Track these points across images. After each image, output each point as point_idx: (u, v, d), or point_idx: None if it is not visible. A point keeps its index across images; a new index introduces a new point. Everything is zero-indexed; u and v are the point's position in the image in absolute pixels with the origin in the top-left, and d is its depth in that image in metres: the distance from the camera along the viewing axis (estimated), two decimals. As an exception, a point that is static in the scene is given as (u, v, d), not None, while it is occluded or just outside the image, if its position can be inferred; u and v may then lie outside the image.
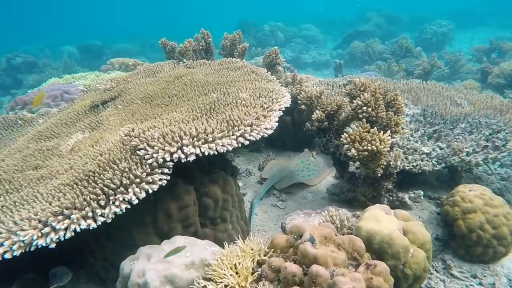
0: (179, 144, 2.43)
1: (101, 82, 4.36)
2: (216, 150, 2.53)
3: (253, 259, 2.09)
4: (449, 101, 4.62)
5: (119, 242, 2.57)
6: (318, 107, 3.62)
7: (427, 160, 3.72)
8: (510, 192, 4.15)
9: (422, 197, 3.51)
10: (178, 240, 2.37)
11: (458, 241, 3.17)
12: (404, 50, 11.24)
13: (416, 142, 4.00)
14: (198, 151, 2.44)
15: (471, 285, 3.02)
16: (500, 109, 4.29)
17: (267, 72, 4.20)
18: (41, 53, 15.18)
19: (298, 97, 4.11)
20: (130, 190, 2.26)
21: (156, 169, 2.40)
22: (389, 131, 2.89)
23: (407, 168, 3.51)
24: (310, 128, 3.77)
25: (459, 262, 3.16)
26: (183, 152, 2.42)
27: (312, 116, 3.58)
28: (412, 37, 14.55)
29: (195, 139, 2.46)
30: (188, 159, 2.43)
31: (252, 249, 2.13)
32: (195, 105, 3.15)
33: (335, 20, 23.62)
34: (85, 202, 2.24)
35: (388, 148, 2.85)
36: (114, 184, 2.26)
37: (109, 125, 3.42)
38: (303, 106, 3.84)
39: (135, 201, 2.27)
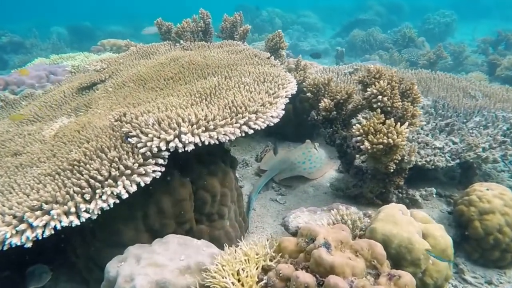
0: (177, 132, 2.15)
1: (90, 63, 4.04)
2: (218, 139, 2.26)
3: (258, 264, 1.83)
4: (462, 93, 4.38)
5: (105, 239, 2.30)
6: (326, 95, 3.35)
7: (440, 155, 3.49)
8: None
9: (434, 195, 3.28)
10: (172, 239, 2.11)
11: (473, 244, 2.95)
12: (407, 40, 10.95)
13: (427, 135, 3.76)
14: (197, 140, 2.17)
15: (486, 291, 2.82)
16: (516, 103, 4.06)
17: (270, 56, 3.91)
18: (28, 33, 14.53)
19: (304, 83, 3.83)
20: (119, 182, 1.98)
21: (150, 160, 2.12)
22: (406, 123, 2.63)
23: (419, 163, 3.28)
24: (316, 117, 3.51)
25: (472, 267, 2.95)
26: (180, 141, 2.14)
27: (319, 104, 3.31)
28: (414, 26, 14.21)
29: (194, 126, 2.19)
30: (186, 148, 2.15)
31: (257, 254, 1.88)
32: (193, 89, 2.86)
33: (335, 7, 23.16)
34: (67, 196, 1.96)
35: (406, 142, 2.60)
36: (102, 176, 1.99)
37: (98, 109, 3.12)
38: (309, 94, 3.57)
39: (125, 195, 2.00)
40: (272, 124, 2.55)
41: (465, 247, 3.01)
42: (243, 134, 2.37)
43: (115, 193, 1.96)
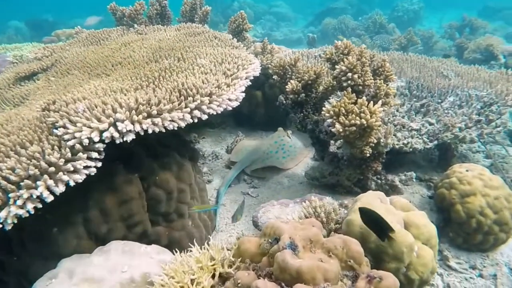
0: (112, 119, 1.80)
1: (31, 51, 3.58)
2: (164, 126, 1.92)
3: (214, 272, 1.52)
4: (434, 73, 4.18)
5: (36, 251, 1.93)
6: (293, 77, 3.06)
7: (418, 137, 3.26)
8: (499, 171, 3.79)
9: (414, 180, 3.06)
10: (115, 247, 1.77)
11: (456, 228, 2.76)
12: (378, 26, 10.82)
13: (403, 118, 3.54)
14: (138, 128, 1.83)
15: (471, 277, 2.62)
16: (489, 81, 3.88)
17: (232, 38, 3.58)
18: (-17, 28, 13.59)
19: (270, 65, 3.52)
20: (40, 183, 1.62)
21: (81, 154, 1.76)
22: (380, 101, 2.37)
23: (397, 146, 3.04)
24: (284, 102, 3.22)
25: (456, 252, 2.75)
26: (117, 130, 1.79)
27: (286, 87, 3.01)
28: (384, 14, 14.17)
29: (133, 112, 1.84)
30: (125, 139, 1.81)
31: (212, 259, 1.56)
32: (140, 73, 2.51)
33: (306, -3, 22.90)
34: (-26, 202, 1.58)
35: (380, 122, 2.33)
36: (17, 176, 1.61)
37: (34, 100, 2.72)
38: (275, 77, 3.26)
39: (49, 198, 1.64)
40: (230, 108, 2.24)
41: (447, 232, 2.81)
42: (195, 120, 2.05)
43: (35, 196, 1.60)
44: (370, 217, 1.70)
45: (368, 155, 2.61)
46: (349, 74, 2.47)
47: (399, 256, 1.78)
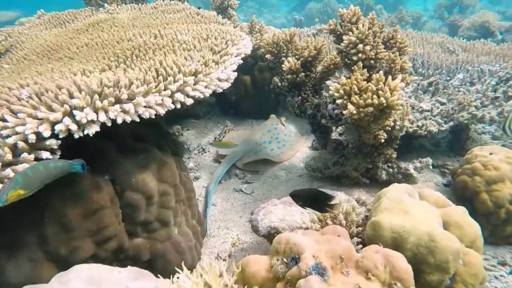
0: (67, 107, 1.36)
1: (-19, 36, 3.07)
2: (138, 114, 1.49)
3: (211, 306, 1.12)
4: (440, 49, 3.84)
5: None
6: (289, 54, 2.65)
7: (430, 119, 2.91)
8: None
9: (431, 167, 2.71)
10: (77, 274, 1.35)
11: (481, 220, 2.41)
12: (365, 8, 10.44)
13: (409, 98, 3.18)
14: (103, 117, 1.40)
15: (501, 275, 2.30)
16: (502, 54, 3.56)
17: (217, 15, 3.14)
18: None
19: (260, 44, 3.09)
20: (-34, 197, 1.17)
21: (26, 154, 1.32)
22: (400, 75, 1.99)
23: (410, 130, 2.68)
24: (280, 84, 2.80)
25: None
26: (75, 121, 1.35)
27: (283, 66, 2.60)
28: (369, -3, 13.83)
29: (96, 97, 1.40)
30: (87, 131, 1.38)
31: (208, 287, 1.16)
32: (109, 53, 2.06)
33: (288, -17, 22.34)
34: None
35: (402, 101, 1.96)
36: None
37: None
38: (267, 56, 2.85)
39: (-18, 217, 1.19)
40: (220, 90, 1.82)
41: (473, 226, 2.46)
42: (178, 106, 1.63)
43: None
44: (306, 196, 1.52)
45: (382, 140, 2.24)
46: (360, 46, 2.08)
47: (443, 265, 1.42)
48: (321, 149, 3.01)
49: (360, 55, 2.11)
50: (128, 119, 1.45)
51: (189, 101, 1.66)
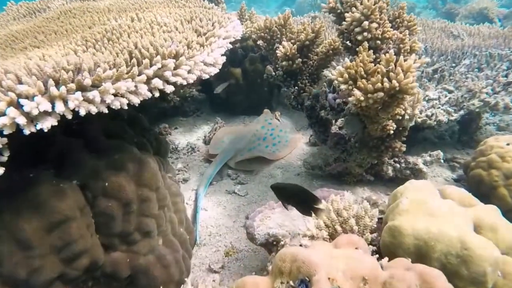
0: (13, 96, 1.09)
1: None
2: (108, 105, 1.22)
3: None
4: (443, 34, 3.62)
5: None
6: (284, 39, 2.39)
7: (438, 108, 2.68)
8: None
9: (442, 160, 2.47)
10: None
11: (500, 218, 2.20)
12: None
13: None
14: (61, 108, 1.12)
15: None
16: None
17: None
18: None
19: (252, 29, 2.83)
20: None
21: (-40, 156, 1.04)
22: (413, 55, 1.75)
23: (419, 120, 2.44)
24: (274, 73, 2.54)
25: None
26: (23, 113, 1.08)
27: (277, 52, 2.35)
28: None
29: (51, 83, 1.13)
30: (41, 126, 1.10)
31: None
32: (77, 37, 1.78)
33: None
34: None
35: (417, 84, 1.71)
36: None
37: None
38: (260, 42, 2.58)
39: None
40: (206, 76, 1.56)
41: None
42: (156, 94, 1.36)
43: None
44: (289, 192, 1.39)
45: (392, 132, 1.99)
46: (365, 23, 1.83)
47: (479, 279, 1.17)
48: (320, 145, 2.76)
49: (365, 33, 1.86)
50: (94, 110, 1.18)
51: (170, 88, 1.39)
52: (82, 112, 1.15)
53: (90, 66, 1.22)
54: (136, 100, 1.29)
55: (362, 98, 1.67)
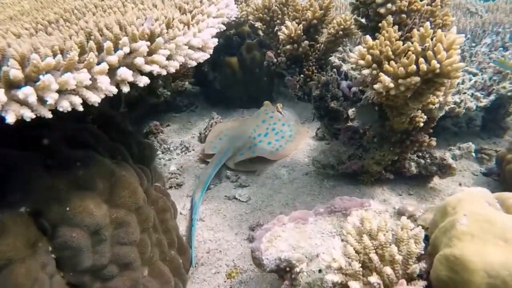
0: None
1: None
2: (51, 106, 0.87)
3: None
4: (459, 11, 3.26)
5: None
6: (286, 19, 2.03)
7: (465, 93, 2.34)
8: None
9: (473, 154, 2.13)
10: None
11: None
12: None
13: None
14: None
15: None
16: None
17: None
18: None
19: (248, 10, 2.46)
20: None
21: None
22: (454, 27, 1.39)
23: (446, 108, 2.09)
24: (275, 60, 2.19)
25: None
26: None
27: (279, 34, 1.99)
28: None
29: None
30: None
31: None
32: (26, 20, 1.42)
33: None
34: None
35: (463, 64, 1.36)
36: None
37: None
38: (258, 24, 2.22)
39: None
40: (193, 63, 1.21)
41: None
42: (125, 89, 1.00)
43: None
44: None
45: (422, 124, 1.65)
46: (390, -7, 1.47)
47: None
48: (331, 139, 2.42)
49: (389, 5, 1.50)
50: (28, 115, 0.82)
51: (143, 81, 1.04)
52: (10, 120, 0.80)
53: (23, 53, 0.86)
54: (95, 99, 0.94)
55: (391, 85, 1.32)
